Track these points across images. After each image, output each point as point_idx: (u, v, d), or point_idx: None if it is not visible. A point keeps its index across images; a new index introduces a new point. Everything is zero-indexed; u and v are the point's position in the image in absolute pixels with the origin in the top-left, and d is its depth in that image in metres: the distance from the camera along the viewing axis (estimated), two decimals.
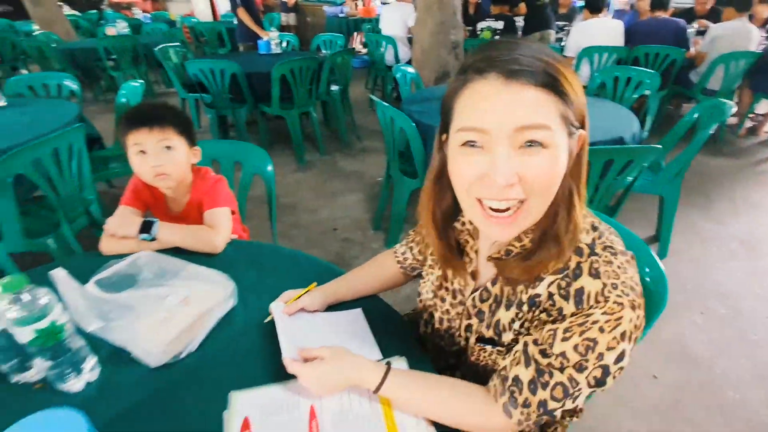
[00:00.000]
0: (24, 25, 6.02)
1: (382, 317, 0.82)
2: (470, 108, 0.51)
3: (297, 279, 0.91)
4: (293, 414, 0.62)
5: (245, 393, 0.65)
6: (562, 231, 0.54)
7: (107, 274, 0.77)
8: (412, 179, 2.02)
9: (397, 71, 2.59)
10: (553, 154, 0.49)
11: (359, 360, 0.63)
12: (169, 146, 1.01)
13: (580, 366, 0.51)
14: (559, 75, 0.48)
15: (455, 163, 0.54)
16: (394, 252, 0.88)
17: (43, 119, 1.87)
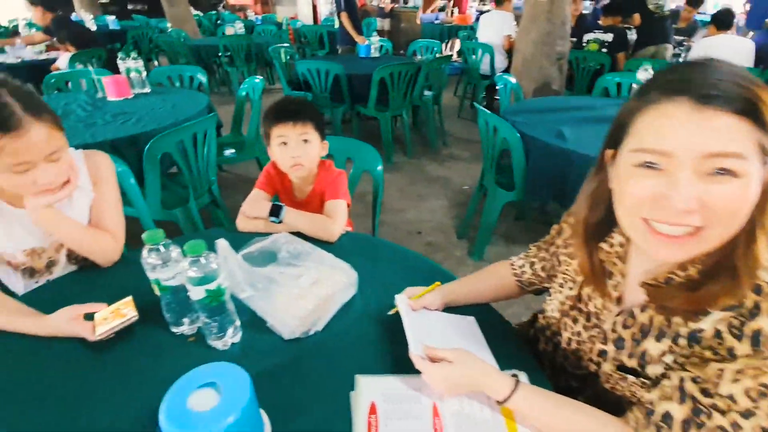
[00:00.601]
0: (159, 23, 6.89)
1: (493, 327, 0.82)
2: (654, 130, 0.49)
3: (409, 275, 0.95)
4: (415, 407, 0.64)
5: (370, 378, 0.68)
6: (740, 264, 0.49)
7: (251, 250, 0.86)
8: (507, 191, 1.97)
9: (499, 80, 2.55)
10: (745, 184, 0.46)
11: (488, 367, 0.64)
12: (306, 140, 1.10)
13: (748, 412, 0.47)
14: (758, 101, 0.45)
15: (626, 182, 0.52)
16: (511, 264, 0.88)
17: (181, 106, 2.13)
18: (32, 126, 0.78)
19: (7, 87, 0.78)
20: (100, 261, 0.96)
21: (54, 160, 0.82)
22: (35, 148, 0.78)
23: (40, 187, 0.82)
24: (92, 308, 0.78)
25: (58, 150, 0.82)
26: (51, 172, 0.82)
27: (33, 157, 0.78)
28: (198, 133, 1.70)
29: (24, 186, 0.81)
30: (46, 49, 4.01)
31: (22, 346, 0.76)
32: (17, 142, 0.76)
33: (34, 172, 0.80)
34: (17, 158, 0.77)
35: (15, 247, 0.92)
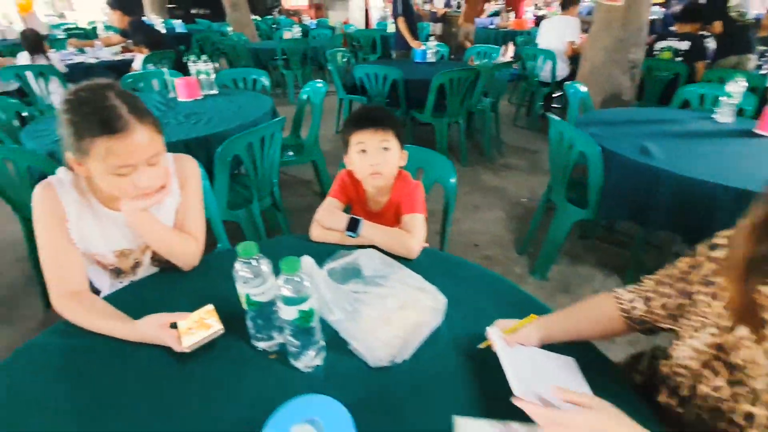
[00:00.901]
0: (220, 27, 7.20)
1: (593, 366, 0.73)
2: None
3: (497, 303, 0.87)
4: None
5: (471, 422, 0.62)
6: None
7: (336, 265, 0.82)
8: (579, 209, 1.84)
9: (569, 88, 2.41)
10: None
11: (637, 426, 0.55)
12: (386, 147, 1.05)
13: None
14: None
15: None
16: (617, 297, 0.77)
17: (246, 108, 2.17)
18: (137, 128, 0.78)
19: (114, 90, 0.79)
20: (182, 264, 0.96)
21: (154, 164, 0.82)
22: (138, 150, 0.78)
23: (140, 190, 0.82)
24: (178, 318, 0.77)
25: (157, 154, 0.82)
26: (151, 176, 0.82)
27: (136, 159, 0.79)
28: (266, 135, 1.71)
29: (124, 189, 0.81)
30: (121, 51, 4.27)
31: (111, 350, 0.76)
32: (122, 143, 0.76)
33: (135, 175, 0.80)
34: (121, 160, 0.77)
35: (107, 248, 0.94)
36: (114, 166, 0.77)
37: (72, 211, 0.87)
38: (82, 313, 0.80)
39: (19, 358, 0.75)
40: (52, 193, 0.86)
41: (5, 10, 6.43)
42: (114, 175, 0.78)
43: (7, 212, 1.74)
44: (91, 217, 0.90)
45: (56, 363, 0.74)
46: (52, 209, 0.85)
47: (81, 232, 0.89)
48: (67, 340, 0.78)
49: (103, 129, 0.75)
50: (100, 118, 0.76)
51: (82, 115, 0.76)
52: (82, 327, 0.79)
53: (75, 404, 0.67)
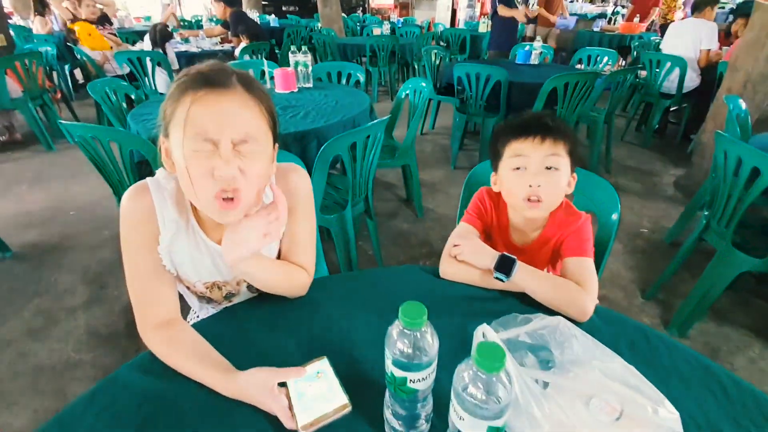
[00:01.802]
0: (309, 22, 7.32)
1: None
2: None
3: (727, 409, 0.57)
4: None
5: None
6: None
7: (516, 334, 0.57)
8: (751, 257, 1.43)
9: (729, 101, 1.95)
10: None
11: None
12: (554, 167, 0.79)
13: None
14: None
15: None
16: None
17: (343, 103, 2.00)
18: (236, 90, 0.60)
19: (236, 73, 0.62)
20: (289, 296, 0.77)
21: (244, 154, 0.61)
22: (228, 114, 0.59)
23: (218, 181, 0.60)
24: (289, 375, 0.57)
25: (249, 138, 0.61)
26: (233, 166, 0.59)
27: (220, 127, 0.58)
28: (370, 136, 1.52)
29: (199, 179, 0.60)
30: (221, 42, 4.40)
31: (201, 404, 0.58)
32: (211, 96, 0.58)
33: (215, 158, 0.59)
34: (203, 121, 0.58)
35: (197, 278, 0.78)
36: (196, 137, 0.58)
37: (166, 232, 0.69)
38: (172, 352, 0.63)
39: (97, 397, 0.60)
40: (149, 202, 0.69)
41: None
42: (191, 151, 0.59)
43: (105, 189, 1.72)
44: (186, 242, 0.73)
45: (136, 411, 0.58)
46: (144, 225, 0.68)
47: (171, 255, 0.72)
48: (153, 383, 0.62)
49: (198, 83, 0.59)
50: (203, 75, 0.60)
51: (188, 74, 0.61)
52: (172, 366, 0.63)
53: None
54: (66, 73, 4.60)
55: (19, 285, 1.91)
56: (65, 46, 4.47)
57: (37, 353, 1.54)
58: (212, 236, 0.73)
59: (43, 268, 2.02)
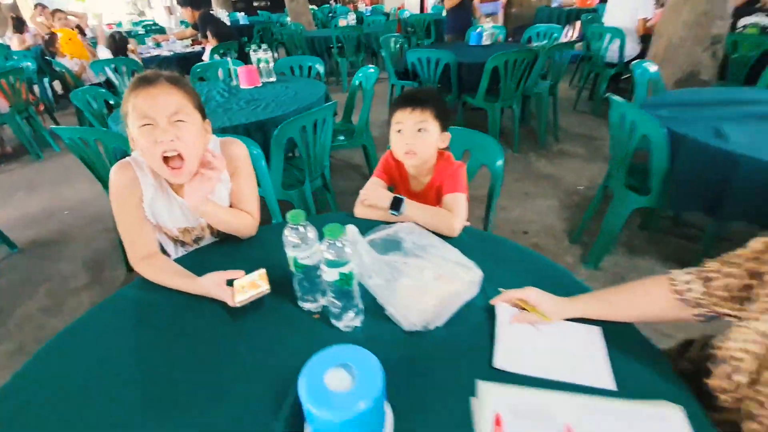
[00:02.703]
0: (279, 17, 7.48)
1: (633, 347, 0.71)
2: None
3: (536, 282, 0.87)
4: (546, 424, 0.58)
5: (494, 386, 0.64)
6: None
7: (376, 237, 0.86)
8: (639, 196, 1.73)
9: (636, 68, 2.24)
10: None
11: None
12: (422, 129, 1.07)
13: None
14: None
15: None
16: (671, 279, 0.73)
17: (302, 94, 2.27)
18: (164, 85, 0.87)
19: (164, 73, 0.91)
20: (240, 236, 1.06)
21: (176, 122, 0.88)
22: (159, 102, 0.86)
23: (159, 146, 0.86)
24: (233, 275, 0.86)
25: (181, 112, 0.88)
26: (170, 133, 0.86)
27: (156, 112, 0.86)
28: (318, 119, 1.79)
29: (150, 148, 0.87)
30: (192, 44, 4.60)
31: (178, 302, 0.87)
32: (146, 92, 0.86)
33: (156, 131, 0.86)
34: (143, 110, 0.85)
35: (173, 225, 1.06)
36: (139, 118, 0.86)
37: (148, 192, 0.98)
38: (155, 272, 0.92)
39: (107, 306, 0.88)
40: (131, 173, 0.96)
41: (96, 8, 7.16)
42: (140, 132, 0.86)
43: (97, 188, 1.98)
44: (162, 198, 1.01)
45: (134, 310, 0.87)
46: (131, 187, 0.96)
47: (152, 209, 1.00)
48: (144, 294, 0.91)
49: (137, 84, 0.87)
50: (141, 78, 0.88)
51: (132, 81, 0.89)
52: (156, 283, 0.91)
53: (148, 343, 0.78)
54: (46, 86, 4.78)
55: (28, 275, 2.19)
56: (43, 60, 4.65)
57: (52, 325, 1.82)
58: (180, 194, 1.01)
59: (46, 260, 2.29)
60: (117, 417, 0.65)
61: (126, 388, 0.69)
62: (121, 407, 0.66)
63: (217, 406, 0.65)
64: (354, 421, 0.53)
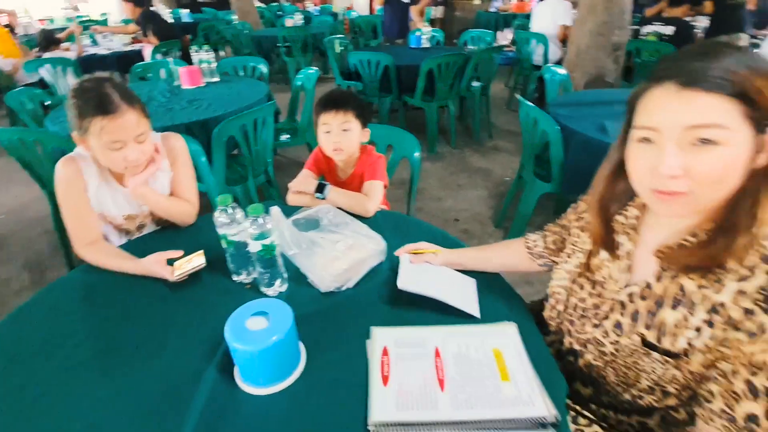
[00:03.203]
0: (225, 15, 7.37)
1: (500, 291, 0.92)
2: (646, 109, 0.59)
3: None
4: (420, 350, 0.76)
5: (383, 329, 0.81)
6: (741, 225, 0.56)
7: (299, 217, 1.02)
8: (544, 183, 2.01)
9: (546, 71, 2.54)
10: (729, 151, 0.53)
11: None
12: (347, 128, 1.24)
13: None
14: (747, 85, 0.51)
15: (631, 156, 0.62)
16: (525, 239, 0.97)
17: (244, 94, 2.37)
18: (126, 111, 0.99)
19: (110, 81, 1.00)
20: (180, 223, 1.18)
21: (141, 142, 1.03)
22: (127, 129, 0.99)
23: (129, 162, 1.02)
24: (173, 254, 0.99)
25: (144, 133, 1.03)
26: (138, 150, 1.02)
27: (125, 136, 0.99)
28: (258, 119, 1.91)
29: (117, 161, 1.01)
30: (132, 42, 4.49)
31: (122, 282, 0.98)
32: (114, 123, 0.97)
33: (125, 150, 1.01)
34: (113, 136, 0.98)
35: (117, 212, 1.16)
36: (107, 142, 0.98)
37: (92, 183, 1.09)
38: (99, 256, 1.03)
39: (55, 287, 0.98)
40: (76, 166, 1.07)
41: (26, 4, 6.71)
42: (108, 149, 0.99)
43: (34, 191, 1.98)
44: (106, 188, 1.12)
45: (82, 292, 0.97)
46: (75, 179, 1.07)
47: (98, 199, 1.11)
48: (89, 276, 1.01)
49: (99, 110, 0.97)
50: (97, 102, 0.97)
51: (84, 100, 0.98)
52: (100, 266, 1.02)
53: (95, 316, 0.89)
54: None
55: None
56: None
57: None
58: (121, 183, 1.13)
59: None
60: (69, 375, 0.76)
61: (76, 351, 0.80)
62: (73, 368, 0.77)
63: (157, 358, 0.78)
64: (270, 351, 0.69)
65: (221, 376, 0.73)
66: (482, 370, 0.71)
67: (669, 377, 0.65)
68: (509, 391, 0.66)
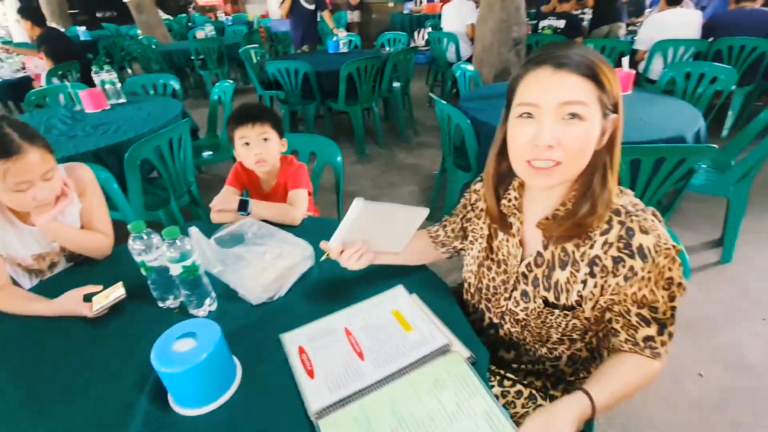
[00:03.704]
0: (129, 30, 6.88)
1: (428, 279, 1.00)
2: (528, 88, 0.67)
3: None
4: (333, 336, 0.82)
5: (291, 332, 0.83)
6: (597, 193, 0.68)
7: (222, 234, 1.02)
8: (465, 172, 2.15)
9: (456, 69, 2.71)
10: (588, 126, 0.64)
11: (561, 411, 0.67)
12: (266, 138, 1.26)
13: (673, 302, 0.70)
14: (597, 69, 0.64)
15: (513, 130, 0.70)
16: (428, 230, 1.05)
17: (156, 113, 2.26)
18: (29, 151, 0.92)
19: (6, 120, 0.93)
20: (96, 256, 1.12)
21: (48, 179, 0.97)
22: (33, 169, 0.93)
23: (39, 202, 0.96)
24: (90, 289, 0.94)
25: (51, 170, 0.97)
26: (46, 188, 0.97)
27: (31, 177, 0.93)
28: (173, 138, 1.84)
29: (26, 202, 0.95)
30: (23, 67, 4.05)
31: (37, 326, 0.92)
32: (18, 165, 0.91)
33: (33, 190, 0.95)
34: (18, 178, 0.92)
35: (26, 253, 1.08)
36: (13, 184, 0.92)
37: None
38: (8, 302, 0.95)
39: None
40: None
41: None
42: (14, 192, 0.93)
43: None
44: (10, 228, 1.04)
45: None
46: None
47: (2, 241, 1.03)
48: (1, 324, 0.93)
49: (2, 155, 0.90)
50: (4, 149, 0.90)
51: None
52: (11, 312, 0.94)
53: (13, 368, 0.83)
54: None
55: None
56: None
57: None
58: (27, 222, 1.05)
59: None
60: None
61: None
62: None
63: (84, 397, 0.75)
64: (199, 369, 0.69)
65: (154, 403, 0.72)
66: (388, 330, 0.81)
67: (571, 327, 0.78)
68: (414, 336, 0.80)
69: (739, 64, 3.27)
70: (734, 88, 2.77)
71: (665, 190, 1.62)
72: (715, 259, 2.11)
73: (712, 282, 1.98)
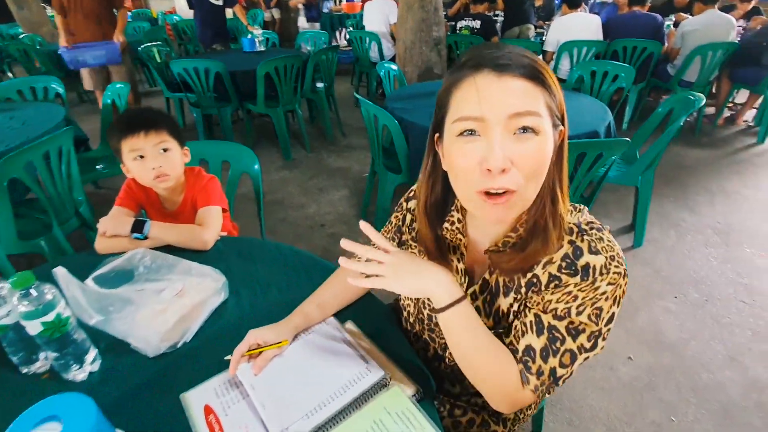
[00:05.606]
0: (9, 28, 5.89)
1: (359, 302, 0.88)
2: (467, 99, 0.54)
3: (285, 271, 0.98)
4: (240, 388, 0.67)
5: (194, 390, 0.68)
6: (549, 222, 0.58)
7: (105, 271, 0.82)
8: (395, 174, 2.08)
9: (380, 68, 2.64)
10: (543, 140, 0.53)
11: (438, 275, 0.62)
12: (166, 149, 1.05)
13: (591, 334, 0.59)
14: (542, 70, 0.54)
15: (454, 153, 0.56)
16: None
17: (33, 123, 1.89)
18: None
19: None
20: None
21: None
22: None
23: None
24: None
25: None
26: None
27: None
28: (51, 151, 1.53)
29: None
30: None
31: None
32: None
33: None
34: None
35: None
36: None
37: None
38: None
39: None
40: None
41: None
42: None
43: None
44: None
45: None
46: None
47: None
48: None
49: None
50: None
51: None
52: None
53: None
54: None
55: None
56: None
57: None
58: None
59: None
60: None
61: None
62: None
63: None
64: None
65: None
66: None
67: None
68: (347, 374, 0.68)
69: (633, 63, 3.61)
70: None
71: (586, 183, 1.68)
72: (629, 243, 2.27)
73: (629, 266, 2.12)
